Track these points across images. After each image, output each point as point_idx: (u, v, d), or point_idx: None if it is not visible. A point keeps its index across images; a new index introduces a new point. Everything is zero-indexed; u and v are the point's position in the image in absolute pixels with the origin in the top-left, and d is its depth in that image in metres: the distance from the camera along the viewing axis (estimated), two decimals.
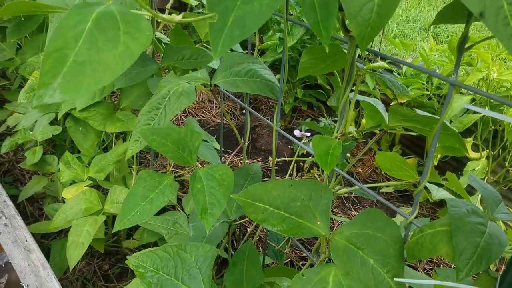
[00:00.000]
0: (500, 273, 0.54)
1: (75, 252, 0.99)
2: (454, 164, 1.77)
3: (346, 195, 1.85)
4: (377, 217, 0.69)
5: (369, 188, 0.85)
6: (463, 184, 1.43)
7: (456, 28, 3.89)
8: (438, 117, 0.79)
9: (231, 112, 2.41)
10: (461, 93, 1.58)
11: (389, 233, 0.67)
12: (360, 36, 0.50)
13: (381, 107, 0.87)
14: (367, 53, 1.93)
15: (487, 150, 1.47)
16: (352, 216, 1.75)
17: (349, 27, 0.64)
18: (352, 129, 0.77)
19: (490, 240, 0.54)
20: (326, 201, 0.72)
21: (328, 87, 2.11)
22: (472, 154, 1.48)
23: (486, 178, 1.44)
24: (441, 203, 1.81)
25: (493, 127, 1.44)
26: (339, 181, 0.90)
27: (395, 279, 0.56)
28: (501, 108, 1.40)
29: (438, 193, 1.02)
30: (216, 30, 0.39)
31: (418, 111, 0.76)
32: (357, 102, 2.19)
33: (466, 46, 0.57)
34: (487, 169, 1.43)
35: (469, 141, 1.48)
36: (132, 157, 1.32)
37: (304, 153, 1.95)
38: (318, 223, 0.70)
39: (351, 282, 0.63)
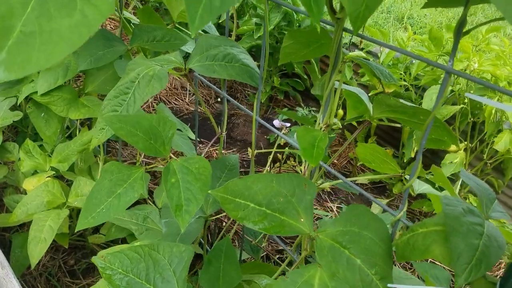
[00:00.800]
0: (499, 277, 0.50)
1: (36, 248, 0.92)
2: (430, 156, 1.77)
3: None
4: (363, 213, 0.65)
5: (352, 181, 0.81)
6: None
7: (430, 19, 3.92)
8: (426, 108, 0.75)
9: (206, 100, 2.34)
10: (439, 84, 1.57)
11: (376, 231, 0.63)
12: (354, 15, 0.44)
13: (365, 97, 0.83)
14: (345, 41, 1.89)
15: (465, 143, 1.46)
16: (328, 208, 1.72)
17: (337, 8, 0.58)
18: (336, 120, 0.73)
19: (488, 242, 0.50)
20: (310, 196, 0.67)
21: (305, 76, 2.06)
22: (452, 147, 1.47)
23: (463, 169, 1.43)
24: (418, 196, 1.80)
25: (472, 119, 1.43)
26: (321, 174, 0.86)
27: (388, 285, 0.52)
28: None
29: (420, 187, 0.99)
30: (193, 1, 0.33)
31: (404, 102, 0.72)
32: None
33: (464, 30, 0.53)
34: (465, 162, 1.43)
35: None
36: (99, 146, 1.24)
37: (282, 144, 1.90)
38: (302, 220, 0.66)
39: (338, 284, 0.59)
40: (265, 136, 2.07)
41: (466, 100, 1.40)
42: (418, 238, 0.56)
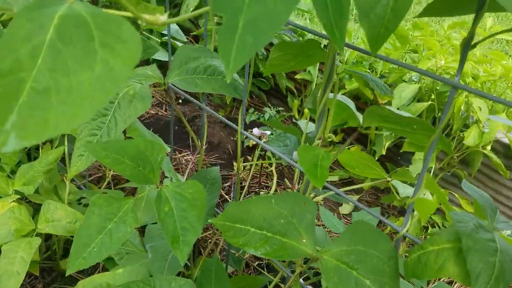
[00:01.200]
0: None
1: (9, 283, 0.84)
2: (397, 152, 1.80)
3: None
4: (366, 230, 0.63)
5: (344, 191, 0.80)
6: (413, 173, 1.45)
7: None
8: (396, 107, 0.74)
9: (166, 102, 2.26)
10: (404, 81, 1.60)
11: (382, 248, 0.61)
12: (374, 38, 0.42)
13: (352, 105, 0.81)
14: None
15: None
16: None
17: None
18: (330, 134, 0.71)
19: (503, 258, 0.50)
20: (311, 215, 0.65)
21: (269, 75, 2.04)
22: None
23: (433, 166, 1.47)
24: (386, 189, 1.84)
25: (439, 114, 1.47)
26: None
27: None
28: (446, 95, 1.42)
29: (405, 191, 1.00)
30: (225, 38, 0.29)
31: (398, 112, 0.71)
32: (300, 89, 2.14)
33: (472, 43, 0.52)
34: (433, 157, 1.46)
35: None
36: (62, 162, 1.16)
37: (250, 146, 1.87)
38: (304, 240, 0.63)
39: None
40: (232, 138, 2.03)
41: (433, 96, 1.43)
42: (430, 256, 0.55)
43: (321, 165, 0.59)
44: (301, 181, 0.80)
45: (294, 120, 1.98)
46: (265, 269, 1.36)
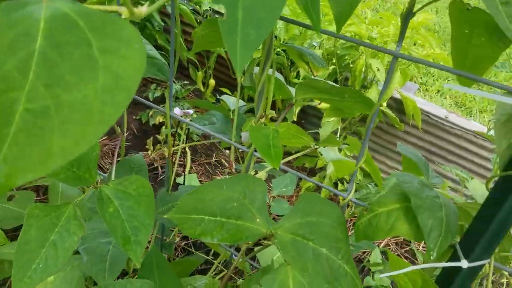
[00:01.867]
0: (458, 241, 0.56)
1: None
2: (303, 117, 1.87)
3: (207, 160, 1.79)
4: (314, 201, 0.65)
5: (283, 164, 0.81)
6: (322, 136, 1.52)
7: None
8: (353, 88, 0.77)
9: None
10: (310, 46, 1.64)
11: (332, 215, 0.64)
12: (339, 16, 0.42)
13: (281, 78, 0.82)
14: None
15: (337, 98, 1.58)
16: None
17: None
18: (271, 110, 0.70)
19: (447, 212, 0.55)
20: (261, 195, 0.65)
21: (168, 47, 1.95)
22: (323, 105, 1.58)
23: (338, 127, 1.56)
24: (296, 151, 1.91)
25: (340, 77, 1.55)
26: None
27: (380, 275, 0.54)
28: (345, 59, 1.51)
29: (329, 155, 1.04)
30: (228, 32, 0.27)
31: (332, 83, 0.73)
32: (203, 61, 2.07)
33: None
34: (339, 118, 1.55)
35: None
36: None
37: (157, 124, 1.79)
38: (258, 220, 0.63)
39: (311, 279, 0.59)
40: (134, 117, 1.92)
41: (334, 60, 1.50)
42: (381, 218, 0.59)
43: (273, 144, 0.58)
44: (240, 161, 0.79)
45: (218, 96, 1.93)
46: (192, 248, 1.35)
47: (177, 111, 0.94)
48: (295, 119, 1.52)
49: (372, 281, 1.31)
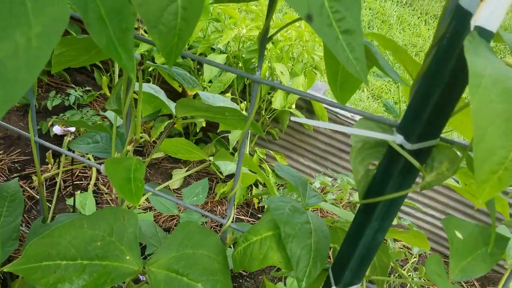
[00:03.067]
0: (331, 264, 0.55)
1: None
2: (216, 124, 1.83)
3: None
4: (192, 230, 0.62)
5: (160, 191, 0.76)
6: (232, 141, 1.49)
7: None
8: (231, 107, 0.75)
9: None
10: (213, 49, 1.60)
11: (209, 245, 0.60)
12: (167, 49, 0.37)
13: (162, 94, 0.77)
14: None
15: (245, 102, 1.55)
16: None
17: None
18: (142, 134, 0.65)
19: (317, 238, 0.54)
20: (132, 228, 0.60)
21: None
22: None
23: (250, 130, 1.54)
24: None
25: (247, 81, 1.53)
26: None
27: None
28: (252, 62, 1.48)
29: (227, 168, 1.02)
30: None
31: (209, 103, 0.70)
32: (107, 62, 1.96)
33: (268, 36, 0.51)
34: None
35: (228, 96, 1.54)
36: None
37: (58, 134, 1.66)
38: (128, 257, 0.58)
39: None
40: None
41: (240, 64, 1.47)
42: (255, 247, 0.56)
43: (134, 177, 0.53)
44: None
45: (105, 109, 1.82)
46: None
47: (56, 129, 0.86)
48: (204, 125, 1.48)
49: None
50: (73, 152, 1.03)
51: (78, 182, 1.48)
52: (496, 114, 0.34)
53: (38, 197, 1.47)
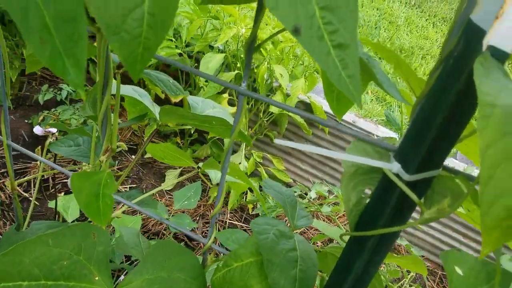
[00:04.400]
0: None
1: None
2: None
3: None
4: (170, 250, 0.57)
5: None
6: (226, 145, 1.45)
7: None
8: (218, 117, 0.70)
9: None
10: (211, 47, 1.55)
11: (187, 268, 0.56)
12: (130, 60, 0.33)
13: (146, 98, 0.72)
14: None
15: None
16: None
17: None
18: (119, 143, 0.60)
19: (304, 267, 0.49)
20: (103, 246, 0.55)
21: None
22: (229, 109, 1.50)
23: (246, 132, 1.49)
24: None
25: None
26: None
27: None
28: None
29: (216, 176, 0.97)
30: None
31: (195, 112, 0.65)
32: None
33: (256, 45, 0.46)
34: (245, 124, 1.48)
35: (225, 97, 1.49)
36: None
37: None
38: (97, 278, 0.53)
39: None
40: (26, 121, 1.72)
41: (239, 65, 1.42)
42: (235, 273, 0.52)
43: (103, 193, 0.49)
44: None
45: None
46: None
47: (37, 130, 0.81)
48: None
49: None
50: (55, 154, 0.99)
51: (66, 180, 1.44)
52: (510, 150, 0.29)
53: (28, 197, 1.43)
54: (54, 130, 0.84)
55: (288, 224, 0.57)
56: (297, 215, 0.59)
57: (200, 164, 0.84)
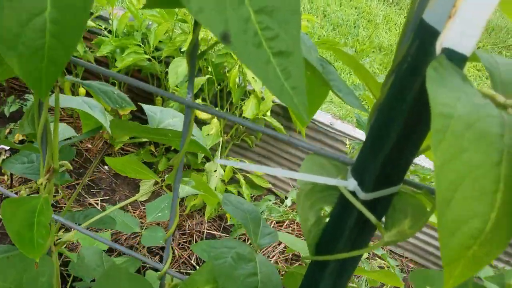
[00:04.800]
0: None
1: None
2: None
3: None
4: (121, 277, 0.52)
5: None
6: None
7: None
8: (173, 129, 0.66)
9: None
10: (182, 51, 1.50)
11: None
12: (33, 77, 0.28)
13: (97, 110, 0.67)
14: None
15: (217, 109, 1.46)
16: (89, 204, 1.52)
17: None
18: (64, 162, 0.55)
19: None
20: (46, 277, 0.50)
21: None
22: (202, 115, 1.45)
23: (221, 138, 1.45)
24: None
25: (218, 87, 1.43)
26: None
27: None
28: (222, 66, 1.39)
29: (184, 190, 0.93)
30: None
31: (147, 125, 0.61)
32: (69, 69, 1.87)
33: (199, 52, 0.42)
34: (220, 129, 1.43)
35: (199, 102, 1.44)
36: None
37: (17, 142, 1.55)
38: None
39: None
40: None
41: (210, 69, 1.38)
42: None
43: (38, 222, 0.44)
44: None
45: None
46: None
47: None
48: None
49: None
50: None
51: None
52: (469, 168, 0.25)
53: None
54: (5, 147, 0.79)
55: (251, 244, 0.53)
56: (260, 232, 0.55)
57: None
